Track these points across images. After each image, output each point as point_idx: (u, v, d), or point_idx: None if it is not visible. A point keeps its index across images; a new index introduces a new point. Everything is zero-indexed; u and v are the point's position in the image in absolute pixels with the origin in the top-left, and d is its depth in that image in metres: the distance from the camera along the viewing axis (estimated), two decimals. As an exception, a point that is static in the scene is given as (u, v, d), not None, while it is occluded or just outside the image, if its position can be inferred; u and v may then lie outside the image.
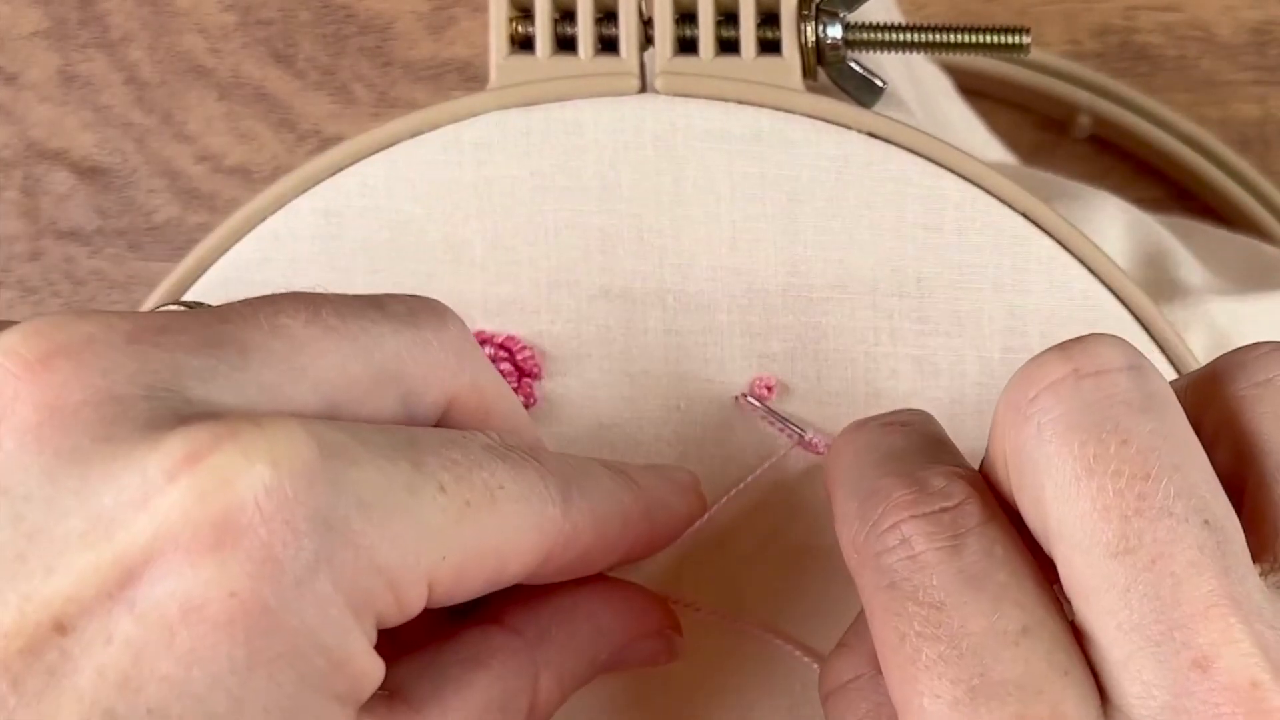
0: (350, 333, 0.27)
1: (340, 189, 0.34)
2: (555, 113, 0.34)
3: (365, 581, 0.25)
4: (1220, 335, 0.38)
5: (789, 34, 0.34)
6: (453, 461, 0.26)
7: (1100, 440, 0.24)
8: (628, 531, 0.30)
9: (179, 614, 0.24)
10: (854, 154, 0.34)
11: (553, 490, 0.28)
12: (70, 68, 0.54)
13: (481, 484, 0.26)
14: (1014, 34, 0.34)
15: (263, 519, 0.24)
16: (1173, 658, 0.23)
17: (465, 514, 0.26)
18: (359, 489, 0.25)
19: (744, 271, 0.34)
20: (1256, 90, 0.53)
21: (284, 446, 0.24)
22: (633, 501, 0.30)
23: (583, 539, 0.29)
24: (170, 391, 0.25)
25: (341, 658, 0.25)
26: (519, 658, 0.29)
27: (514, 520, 0.27)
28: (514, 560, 0.27)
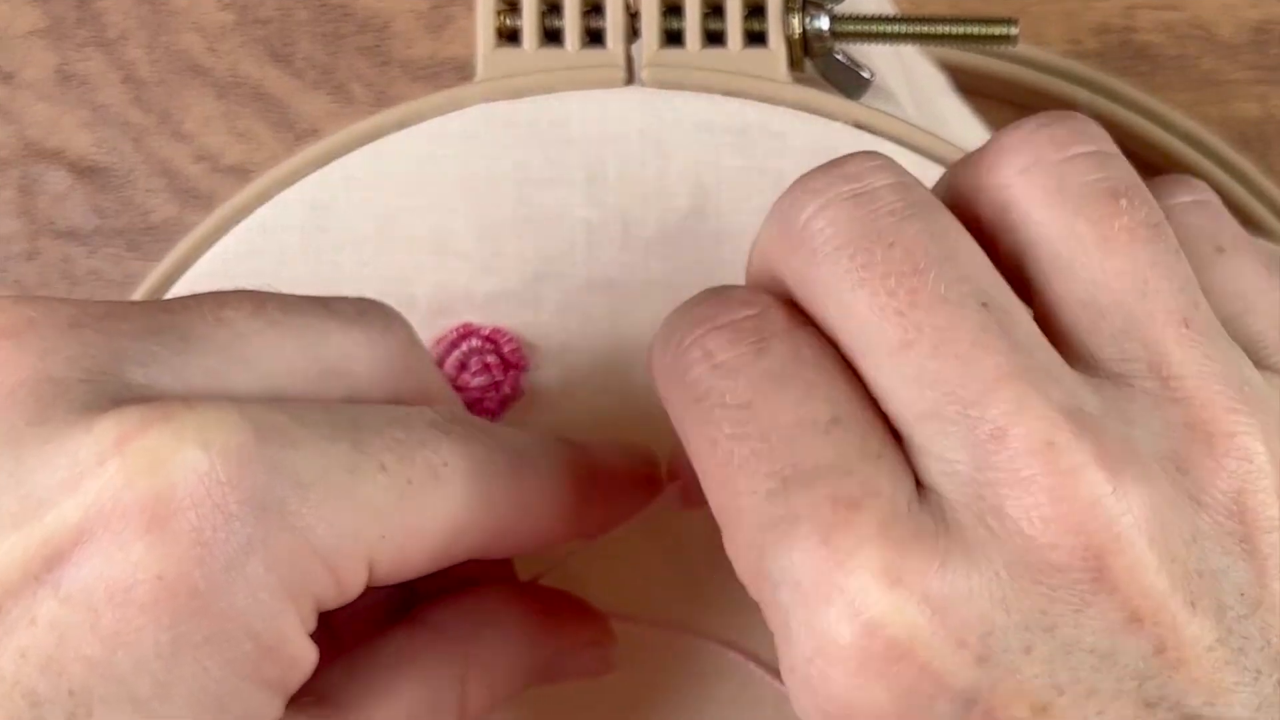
0: (295, 328, 0.27)
1: (327, 181, 0.34)
2: (542, 105, 0.34)
3: (301, 564, 0.25)
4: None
5: (775, 26, 0.34)
6: (396, 440, 0.26)
7: (867, 250, 0.25)
8: (582, 507, 0.30)
9: (105, 596, 0.24)
10: (840, 145, 0.33)
11: (502, 464, 0.28)
12: (67, 66, 0.54)
13: (424, 462, 0.26)
14: (1001, 25, 0.34)
15: (193, 502, 0.24)
16: (970, 434, 0.24)
17: (407, 493, 0.26)
18: (295, 470, 0.25)
19: (730, 263, 0.34)
20: (1257, 89, 0.53)
21: (216, 428, 0.24)
22: (588, 478, 0.30)
23: (535, 513, 0.28)
24: (108, 375, 0.25)
25: (272, 643, 0.25)
26: (447, 661, 0.29)
27: (460, 497, 0.27)
28: (463, 536, 0.27)
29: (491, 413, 0.34)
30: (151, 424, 0.24)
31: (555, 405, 0.34)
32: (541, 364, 0.34)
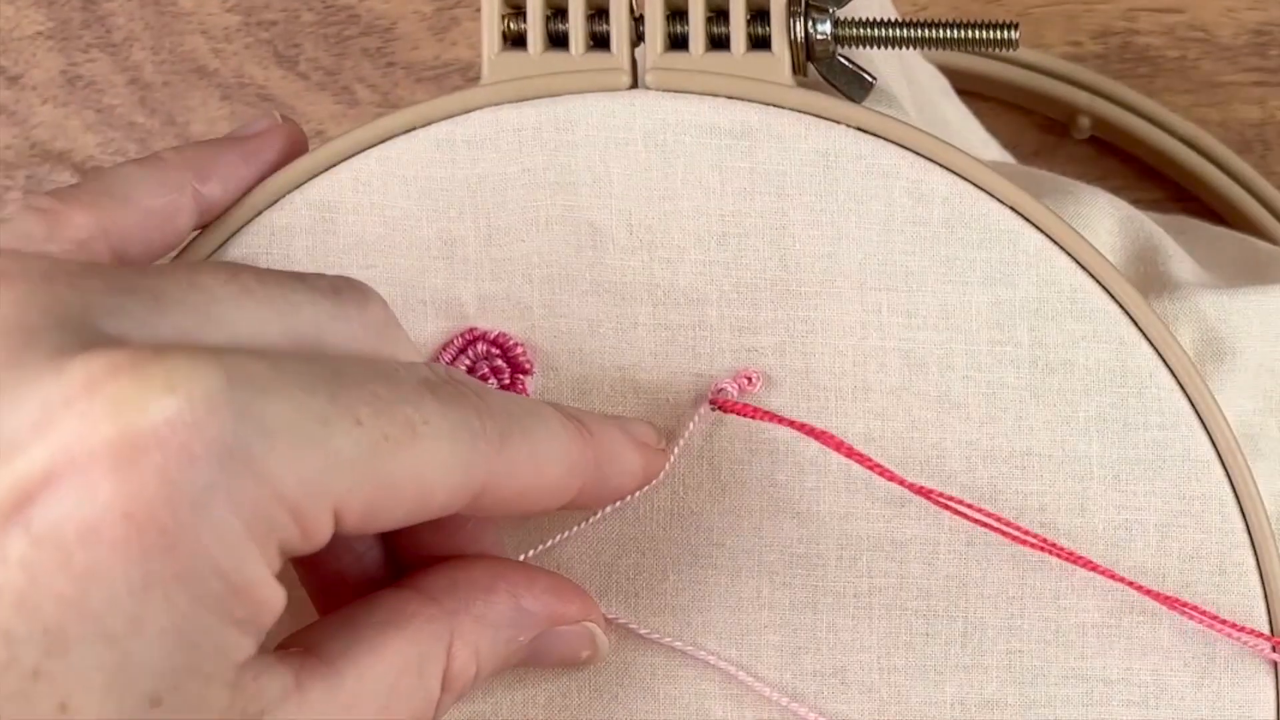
0: (269, 296, 0.27)
1: (335, 184, 0.34)
2: (547, 109, 0.34)
3: (266, 510, 0.25)
4: (1209, 329, 0.38)
5: (779, 30, 0.34)
6: (375, 395, 0.26)
7: None
8: (572, 477, 0.30)
9: (75, 535, 0.24)
10: (843, 148, 0.34)
11: (488, 427, 0.28)
12: (73, 69, 0.54)
13: (404, 419, 0.27)
14: (1003, 29, 0.34)
15: (158, 443, 0.24)
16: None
17: (380, 447, 0.26)
18: (265, 417, 0.25)
19: (733, 266, 0.34)
20: (1257, 92, 0.53)
21: (186, 373, 0.25)
22: (581, 450, 0.30)
23: (520, 478, 0.29)
24: (80, 324, 0.25)
25: (239, 583, 0.25)
26: (434, 624, 0.29)
27: (437, 456, 0.27)
28: (438, 494, 0.27)
29: (498, 415, 0.34)
30: (120, 368, 0.24)
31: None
32: (548, 368, 0.34)
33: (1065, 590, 0.33)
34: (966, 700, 0.33)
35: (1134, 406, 0.33)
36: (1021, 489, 0.33)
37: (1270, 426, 0.39)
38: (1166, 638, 0.33)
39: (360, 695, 0.28)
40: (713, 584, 0.34)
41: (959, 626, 0.33)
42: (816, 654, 0.34)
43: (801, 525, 0.34)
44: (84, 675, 0.24)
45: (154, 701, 0.25)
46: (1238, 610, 0.33)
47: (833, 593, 0.34)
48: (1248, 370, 0.38)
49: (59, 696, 0.24)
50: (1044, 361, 0.33)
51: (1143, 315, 0.33)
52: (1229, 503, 0.33)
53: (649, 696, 0.34)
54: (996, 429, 0.33)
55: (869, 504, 0.34)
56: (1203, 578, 0.33)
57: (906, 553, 0.34)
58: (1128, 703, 0.33)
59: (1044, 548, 0.33)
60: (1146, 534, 0.33)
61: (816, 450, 0.34)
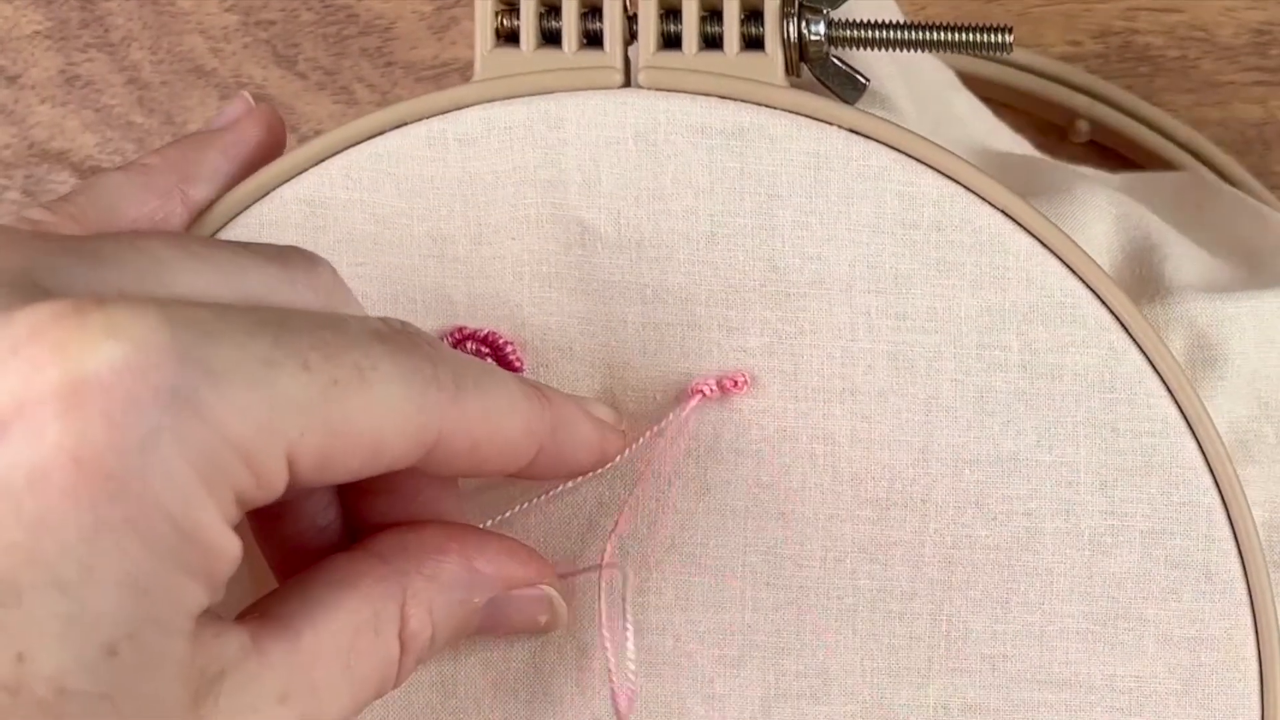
0: (216, 260, 0.28)
1: (325, 179, 0.34)
2: (538, 106, 0.34)
3: (215, 453, 0.25)
4: (1201, 335, 0.38)
5: (772, 30, 0.34)
6: (323, 341, 0.26)
7: None
8: (529, 439, 0.30)
9: (24, 481, 0.24)
10: (834, 150, 0.34)
11: (442, 374, 0.28)
12: (72, 68, 0.54)
13: (352, 364, 0.27)
14: (997, 33, 0.34)
15: (102, 387, 0.24)
16: None
17: (330, 392, 0.26)
18: (209, 361, 0.25)
19: (722, 266, 0.34)
20: (1257, 91, 0.53)
21: (127, 319, 0.25)
22: (538, 412, 0.30)
23: (475, 431, 0.29)
24: (24, 281, 0.26)
25: (190, 529, 0.25)
26: (386, 582, 0.29)
27: (389, 401, 0.27)
28: (392, 443, 0.27)
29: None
30: (64, 315, 0.25)
31: (551, 407, 0.34)
32: (537, 364, 0.34)
33: (1050, 595, 0.33)
34: (949, 704, 0.33)
35: (1122, 412, 0.33)
36: (1007, 493, 0.33)
37: (1265, 432, 0.39)
38: (1152, 645, 0.33)
39: (319, 654, 0.28)
40: (696, 584, 0.34)
41: (942, 629, 0.33)
42: (799, 655, 0.34)
43: (786, 526, 0.34)
44: (39, 624, 0.24)
45: (110, 650, 0.25)
46: (1223, 617, 0.33)
47: (817, 594, 0.34)
48: (1241, 376, 0.38)
49: (16, 646, 0.24)
50: (1033, 366, 0.33)
51: (1133, 321, 0.33)
52: (1216, 509, 0.33)
53: None
54: (984, 433, 0.33)
55: (855, 506, 0.34)
56: (1189, 584, 0.33)
57: (891, 555, 0.33)
58: (1111, 709, 0.33)
59: None
60: (1133, 540, 0.33)
61: (803, 451, 0.34)
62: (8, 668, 0.24)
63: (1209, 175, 0.49)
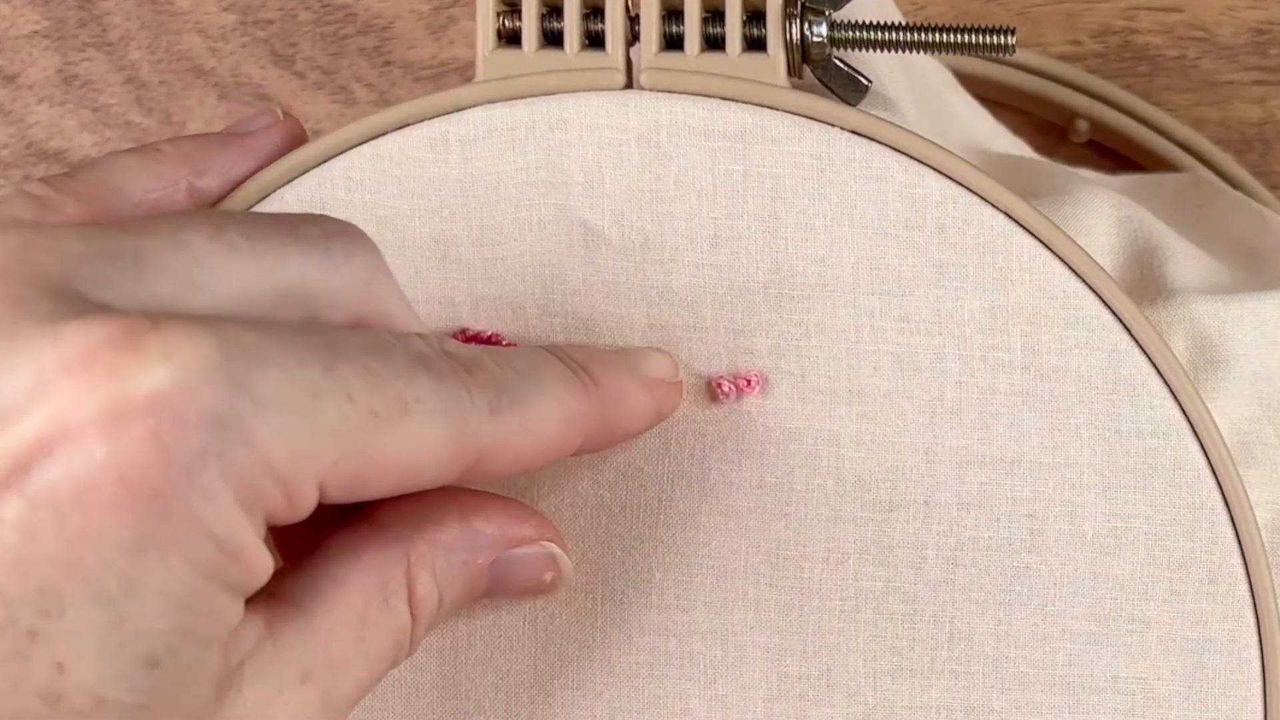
0: (256, 252, 0.28)
1: (326, 181, 0.34)
2: (540, 108, 0.34)
3: (256, 479, 0.25)
4: (1203, 336, 0.38)
5: (774, 32, 0.34)
6: (369, 370, 0.27)
7: None
8: (573, 433, 0.30)
9: (70, 496, 0.24)
10: (837, 152, 0.34)
11: (479, 402, 0.28)
12: (70, 68, 0.54)
13: (396, 396, 0.27)
14: (1000, 34, 0.34)
15: (153, 409, 0.24)
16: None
17: (370, 424, 0.27)
18: (258, 388, 0.25)
19: (726, 268, 0.34)
20: (1257, 91, 0.53)
21: (180, 342, 0.25)
22: (583, 404, 0.30)
23: (515, 447, 0.29)
24: (67, 291, 0.26)
25: (232, 547, 0.25)
26: (389, 549, 0.29)
27: (427, 432, 0.27)
28: (426, 470, 0.28)
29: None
30: (116, 337, 0.25)
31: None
32: (540, 367, 0.34)
33: (1053, 597, 0.33)
34: (952, 705, 0.33)
35: (1126, 414, 0.33)
36: (1012, 494, 0.33)
37: (1267, 434, 0.39)
38: (1154, 646, 0.33)
39: (333, 631, 0.28)
40: (699, 584, 0.34)
41: (945, 631, 0.33)
42: (802, 656, 0.34)
43: (789, 527, 0.34)
44: (79, 636, 0.25)
45: (150, 663, 0.25)
46: (1226, 619, 0.33)
47: (819, 595, 0.34)
48: (1243, 377, 0.38)
49: (55, 657, 0.25)
50: (1036, 368, 0.33)
51: (1136, 323, 0.33)
52: (1220, 512, 0.33)
53: (633, 696, 0.34)
54: (988, 434, 0.33)
55: (858, 507, 0.34)
56: (1192, 586, 0.33)
57: (894, 557, 0.33)
58: (1114, 711, 0.33)
59: None
60: (1136, 542, 0.33)
61: (807, 452, 0.34)
62: (47, 677, 0.25)
63: (1209, 176, 0.49)
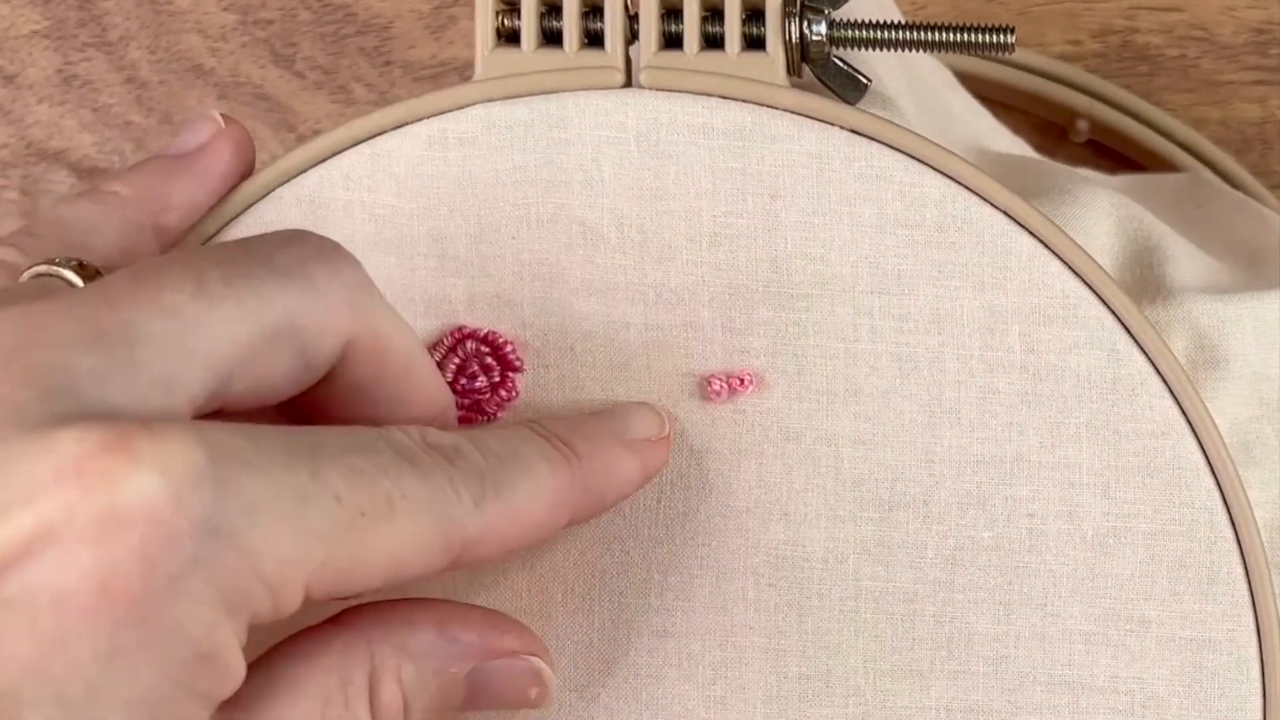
0: (239, 298, 0.27)
1: (325, 180, 0.34)
2: (539, 106, 0.34)
3: (243, 584, 0.25)
4: (1203, 336, 0.38)
5: (774, 31, 0.34)
6: (354, 470, 0.27)
7: None
8: (559, 513, 0.30)
9: (47, 601, 0.24)
10: (836, 150, 0.34)
11: (463, 494, 0.28)
12: (69, 68, 0.54)
13: (382, 495, 0.27)
14: (999, 33, 0.34)
15: (142, 519, 0.24)
16: None
17: (357, 524, 0.27)
18: (247, 495, 0.25)
19: (725, 267, 0.34)
20: (1257, 90, 0.53)
21: (172, 450, 0.25)
22: (568, 483, 0.30)
23: (499, 534, 0.29)
24: (63, 392, 0.25)
25: (208, 654, 0.25)
26: (353, 651, 0.29)
27: (412, 528, 0.27)
28: (412, 564, 0.28)
29: (489, 415, 0.34)
30: (109, 446, 0.25)
31: (550, 406, 0.34)
32: (537, 365, 0.34)
33: (1053, 597, 0.33)
34: (952, 706, 0.33)
35: (1125, 414, 0.33)
36: (1011, 494, 0.33)
37: (1267, 434, 0.39)
38: (1154, 646, 0.33)
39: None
40: (698, 584, 0.34)
41: (945, 631, 0.33)
42: (802, 657, 0.34)
43: (789, 527, 0.34)
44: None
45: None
46: (1226, 618, 0.33)
47: (819, 595, 0.34)
48: (1243, 377, 0.38)
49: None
50: (1035, 367, 0.33)
51: (1135, 322, 0.33)
52: (1219, 511, 0.33)
53: (632, 698, 0.34)
54: (987, 434, 0.33)
55: (857, 507, 0.33)
56: (1191, 586, 0.33)
57: (894, 556, 0.33)
58: (1114, 711, 0.33)
59: None
60: (1135, 541, 0.33)
61: (806, 452, 0.34)
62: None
63: (1209, 175, 0.49)
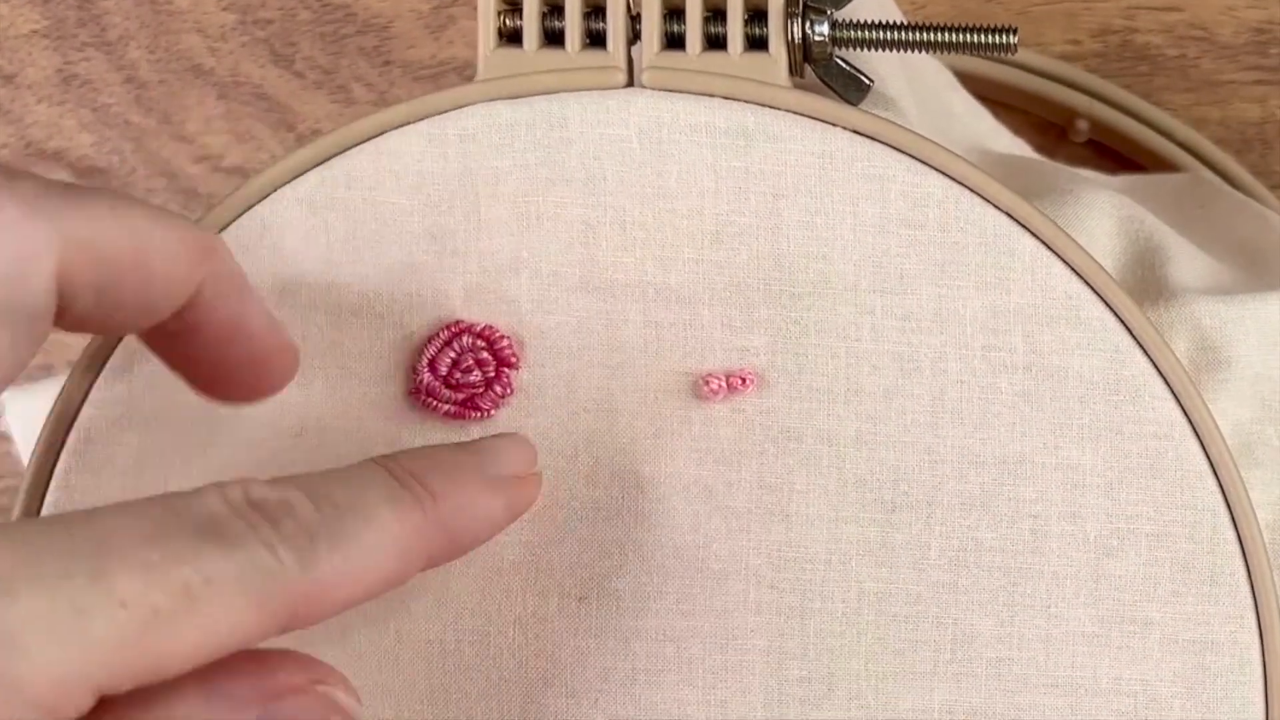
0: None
1: (326, 179, 0.34)
2: (541, 106, 0.34)
3: (15, 714, 0.23)
4: (1205, 337, 0.38)
5: (776, 31, 0.34)
6: (145, 565, 0.25)
7: None
8: (408, 561, 0.28)
9: None
10: (838, 151, 0.34)
11: (286, 559, 0.26)
12: (69, 67, 0.54)
13: (180, 585, 0.25)
14: (1001, 34, 0.34)
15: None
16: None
17: (150, 623, 0.24)
18: (11, 623, 0.23)
19: (726, 266, 0.34)
20: (1257, 90, 0.53)
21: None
22: (417, 529, 0.28)
23: (338, 590, 0.27)
24: None
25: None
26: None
27: (220, 612, 0.25)
28: (229, 641, 0.25)
29: (484, 410, 0.34)
30: None
31: (548, 404, 0.34)
32: (534, 362, 0.34)
33: (1056, 599, 0.33)
34: (954, 708, 0.33)
35: (1127, 415, 0.33)
36: (1013, 495, 0.33)
37: (1269, 435, 0.39)
38: (1157, 648, 0.33)
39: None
40: (699, 587, 0.34)
41: (948, 633, 0.33)
42: (804, 660, 0.33)
43: (790, 528, 0.34)
44: None
45: None
46: (1228, 620, 0.33)
47: (821, 597, 0.33)
48: (1245, 379, 0.38)
49: None
50: (1038, 368, 0.33)
51: (1138, 323, 0.33)
52: (1221, 513, 0.33)
53: (629, 701, 0.34)
54: (989, 434, 0.33)
55: (859, 508, 0.33)
56: (1194, 588, 0.33)
57: (897, 558, 0.33)
58: (1116, 712, 0.33)
59: None
60: (1138, 543, 0.33)
61: (807, 452, 0.34)
62: None
63: (1210, 176, 0.49)
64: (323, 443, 0.34)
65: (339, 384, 0.34)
